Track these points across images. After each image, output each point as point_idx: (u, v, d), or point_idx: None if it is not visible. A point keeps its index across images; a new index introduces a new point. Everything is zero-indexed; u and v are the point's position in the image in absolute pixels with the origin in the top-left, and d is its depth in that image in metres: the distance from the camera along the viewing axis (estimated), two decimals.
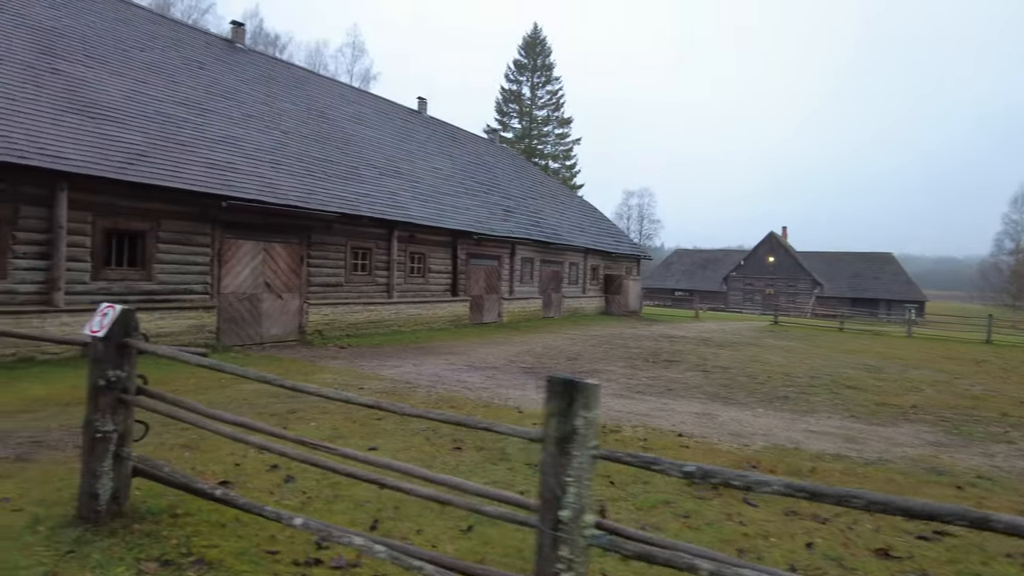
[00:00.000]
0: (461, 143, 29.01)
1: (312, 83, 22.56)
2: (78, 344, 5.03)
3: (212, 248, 13.36)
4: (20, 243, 10.54)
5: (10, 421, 6.71)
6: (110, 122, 12.50)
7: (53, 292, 10.83)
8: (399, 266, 18.32)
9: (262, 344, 14.39)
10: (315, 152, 17.62)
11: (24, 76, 12.03)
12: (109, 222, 11.64)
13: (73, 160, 10.83)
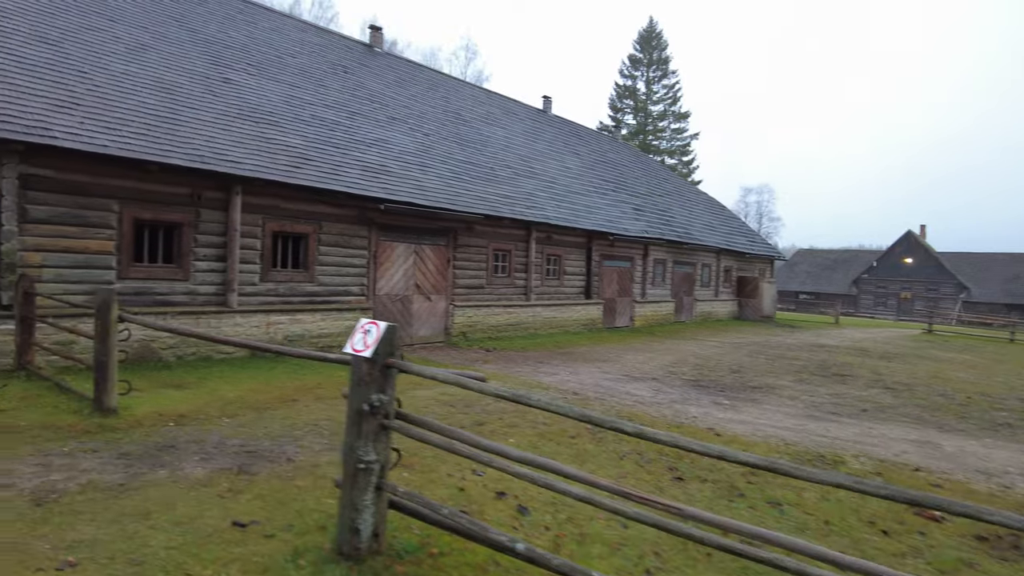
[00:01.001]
0: (586, 141, 28.35)
1: (444, 85, 22.64)
2: (340, 362, 4.78)
3: (368, 250, 13.44)
4: (201, 245, 10.91)
5: (216, 425, 6.73)
6: (272, 127, 12.80)
7: (228, 293, 11.15)
8: (536, 268, 17.92)
9: (411, 345, 14.37)
10: (457, 154, 17.52)
11: (202, 86, 12.53)
12: (276, 225, 11.88)
13: (246, 164, 11.10)
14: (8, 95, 9.14)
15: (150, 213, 10.26)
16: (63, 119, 9.36)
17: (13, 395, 7.43)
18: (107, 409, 6.64)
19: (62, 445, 5.76)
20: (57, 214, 9.33)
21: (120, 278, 10.01)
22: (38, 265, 9.21)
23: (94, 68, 10.98)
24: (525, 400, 3.31)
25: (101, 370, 6.60)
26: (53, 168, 9.26)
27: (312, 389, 8.94)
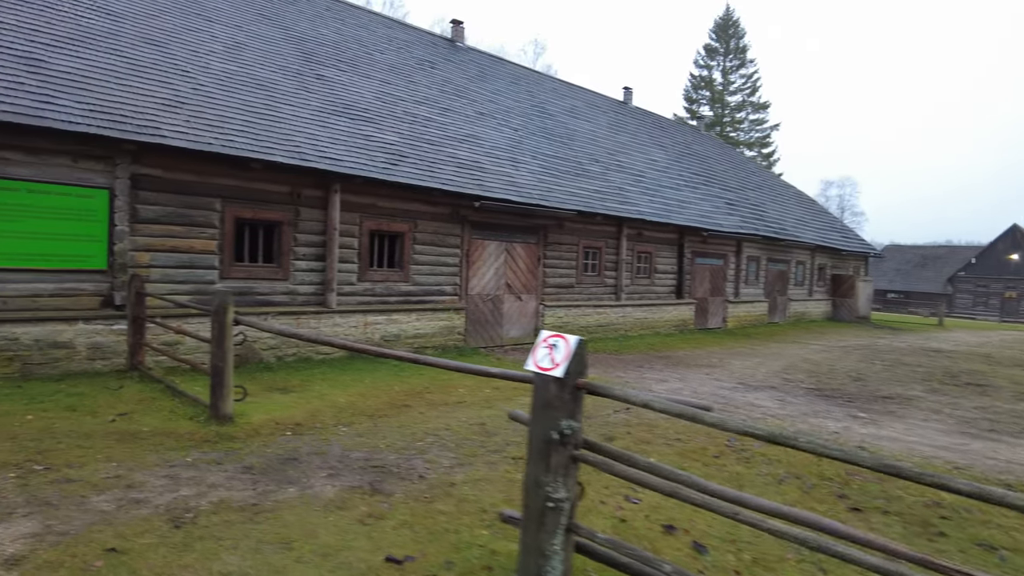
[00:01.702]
0: (669, 133, 27.28)
1: (527, 78, 22.11)
2: (519, 379, 4.26)
3: (461, 249, 13.03)
4: (300, 244, 10.72)
5: (334, 435, 6.36)
6: (368, 123, 12.54)
7: (327, 293, 10.93)
8: (627, 266, 17.15)
9: (502, 346, 13.90)
10: (545, 148, 16.95)
11: (297, 83, 12.40)
12: (373, 223, 11.60)
13: (345, 162, 10.84)
14: (122, 95, 9.12)
15: (251, 212, 10.12)
16: (170, 118, 9.28)
17: (130, 397, 7.31)
18: (223, 416, 6.37)
19: (184, 455, 5.49)
20: (165, 214, 9.27)
21: (222, 278, 9.90)
22: (146, 265, 9.16)
23: (196, 67, 10.95)
24: (790, 443, 2.65)
25: (218, 375, 6.33)
26: (161, 168, 9.19)
27: (421, 393, 8.54)
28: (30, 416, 6.32)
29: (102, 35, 10.25)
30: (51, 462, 5.10)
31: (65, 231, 8.46)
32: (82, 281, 8.66)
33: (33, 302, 8.31)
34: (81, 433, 5.89)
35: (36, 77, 8.53)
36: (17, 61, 8.63)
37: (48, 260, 8.37)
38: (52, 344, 8.32)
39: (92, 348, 8.61)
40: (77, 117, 8.24)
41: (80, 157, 8.53)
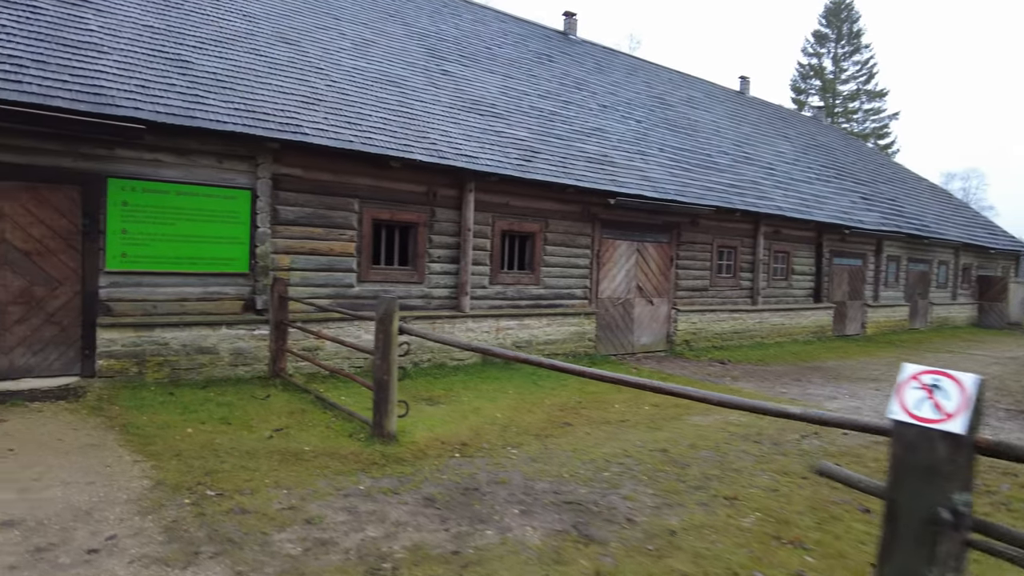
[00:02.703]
0: (791, 123, 25.40)
1: (643, 69, 21.04)
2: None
3: (592, 249, 12.22)
4: (435, 246, 10.22)
5: (506, 458, 5.68)
6: (497, 119, 11.95)
7: (461, 297, 10.39)
8: (763, 267, 15.79)
9: (633, 354, 12.98)
10: (670, 141, 15.87)
11: (425, 79, 11.98)
12: (505, 224, 10.98)
13: (481, 159, 10.25)
14: (263, 93, 8.88)
15: (388, 213, 9.69)
16: (309, 115, 8.97)
17: (280, 408, 6.93)
18: (387, 435, 5.83)
19: (355, 481, 4.94)
20: (304, 215, 8.96)
21: (360, 281, 9.52)
22: (286, 268, 8.88)
23: (329, 65, 10.67)
24: None
25: (381, 390, 5.79)
26: (301, 167, 8.89)
27: (575, 409, 7.77)
28: (189, 429, 6.00)
29: (241, 36, 10.13)
30: (221, 486, 4.66)
31: (210, 233, 8.27)
32: (225, 285, 8.46)
33: (180, 306, 8.15)
34: (242, 451, 5.47)
35: (185, 78, 8.39)
36: (168, 63, 8.53)
37: (194, 263, 8.20)
38: (197, 349, 8.13)
39: (234, 354, 8.38)
40: (224, 116, 8.02)
41: (225, 157, 8.32)
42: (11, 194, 7.16)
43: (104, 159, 7.58)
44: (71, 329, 7.56)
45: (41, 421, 6.11)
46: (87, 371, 7.64)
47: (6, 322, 7.21)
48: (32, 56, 7.42)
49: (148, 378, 7.81)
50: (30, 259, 7.30)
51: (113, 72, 7.84)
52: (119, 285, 7.77)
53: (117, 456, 5.20)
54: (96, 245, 7.60)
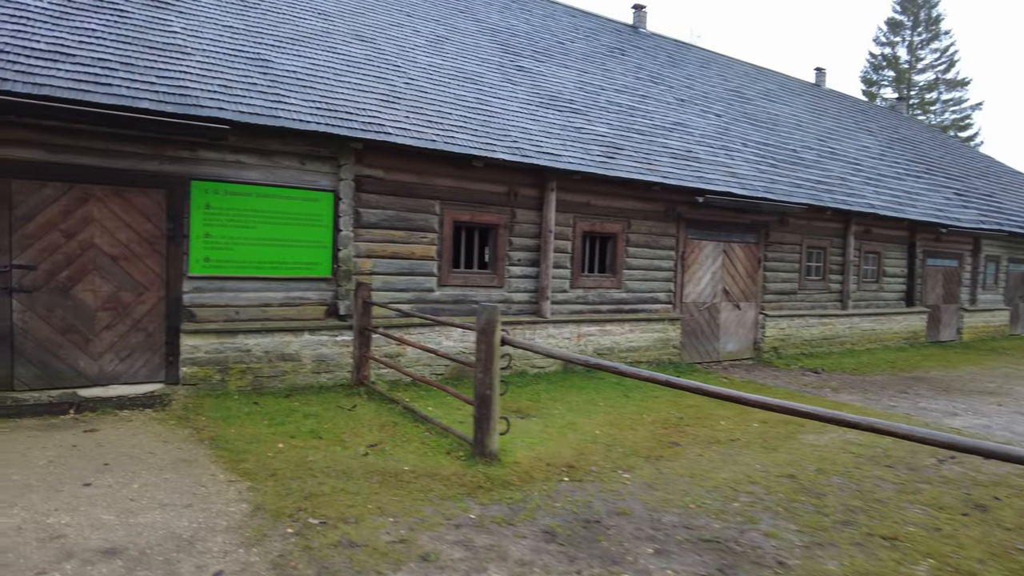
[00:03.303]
0: (872, 116, 24.02)
1: (716, 62, 20.18)
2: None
3: (676, 251, 11.57)
4: (515, 248, 9.78)
5: (620, 484, 5.17)
6: (576, 115, 11.43)
7: (541, 301, 9.92)
8: (854, 268, 14.79)
9: (719, 362, 12.27)
10: (753, 135, 15.04)
11: (500, 75, 11.57)
12: (587, 224, 10.46)
13: (563, 157, 9.76)
14: (343, 92, 8.62)
15: (468, 214, 9.30)
16: (390, 114, 8.65)
17: (369, 421, 6.60)
18: (488, 454, 5.39)
19: (464, 508, 4.52)
20: (386, 217, 8.65)
21: (440, 285, 9.16)
22: (368, 272, 8.58)
23: (405, 62, 10.37)
24: None
25: (483, 406, 5.36)
26: (382, 168, 8.58)
27: (679, 426, 7.20)
28: (280, 444, 5.71)
29: (318, 34, 9.92)
30: (324, 513, 4.31)
31: (292, 237, 8.03)
32: (307, 290, 8.21)
33: (263, 312, 7.93)
34: (338, 470, 5.12)
35: (266, 77, 8.19)
36: (248, 62, 8.35)
37: (277, 268, 7.98)
38: (280, 356, 7.90)
39: (317, 361, 8.12)
40: (307, 116, 7.76)
41: (307, 158, 8.07)
42: (99, 198, 7.05)
43: (187, 161, 7.41)
44: (156, 335, 7.42)
45: (131, 431, 5.93)
46: (171, 378, 7.49)
47: (95, 328, 7.11)
48: (120, 59, 7.31)
49: (231, 385, 7.61)
50: (117, 264, 7.18)
51: (196, 73, 7.68)
52: (202, 290, 7.59)
53: (211, 474, 4.92)
54: (180, 249, 7.44)
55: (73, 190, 6.93)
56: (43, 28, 7.30)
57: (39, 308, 6.85)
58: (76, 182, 6.92)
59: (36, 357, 6.87)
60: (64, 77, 6.63)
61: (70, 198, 6.93)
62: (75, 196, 6.94)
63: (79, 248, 6.98)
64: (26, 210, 6.74)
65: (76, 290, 7.00)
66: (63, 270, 6.94)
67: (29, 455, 5.19)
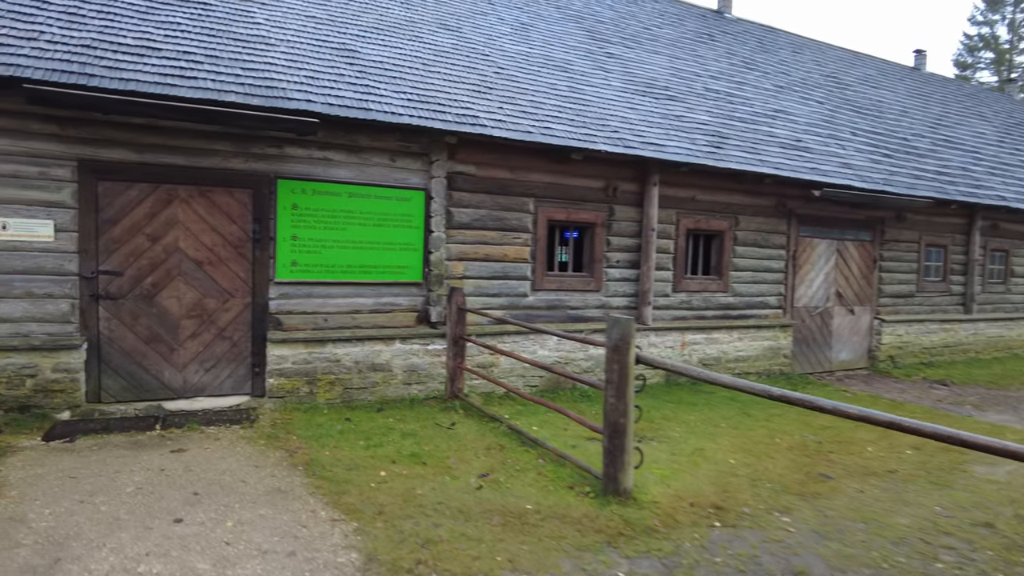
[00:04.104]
0: (984, 101, 21.99)
1: (808, 47, 18.79)
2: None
3: (787, 250, 10.52)
4: (613, 249, 8.98)
5: (783, 531, 4.32)
6: (673, 102, 10.52)
7: (642, 306, 9.07)
8: (978, 268, 13.30)
9: (831, 372, 11.14)
10: (860, 124, 13.74)
11: (591, 62, 10.78)
12: (691, 221, 9.55)
13: (668, 147, 8.89)
14: (433, 82, 8.02)
15: (564, 213, 8.56)
16: (484, 105, 7.99)
17: (472, 442, 5.93)
18: (622, 492, 4.63)
19: (607, 562, 3.77)
20: (479, 217, 7.99)
21: (534, 289, 8.45)
22: (459, 276, 7.94)
23: (493, 51, 9.71)
24: None
25: (616, 436, 4.59)
26: (475, 164, 7.93)
27: (820, 452, 6.25)
28: (382, 472, 5.10)
29: (403, 23, 9.36)
30: (448, 568, 3.64)
31: (382, 239, 7.47)
32: (398, 295, 7.64)
33: (352, 319, 7.40)
34: (453, 507, 4.46)
35: (353, 68, 7.65)
36: (334, 52, 7.84)
37: (367, 272, 7.43)
38: (370, 367, 7.35)
39: (408, 371, 7.54)
40: (398, 108, 7.17)
41: (398, 155, 7.49)
42: (184, 199, 6.64)
43: (274, 159, 6.93)
44: (241, 344, 6.97)
45: (219, 453, 5.44)
46: (257, 390, 7.04)
47: (180, 337, 6.71)
48: (205, 52, 6.89)
49: (319, 398, 7.10)
50: (202, 269, 6.76)
51: (282, 64, 7.20)
52: (289, 296, 7.11)
53: (310, 510, 4.34)
54: (266, 253, 6.97)
55: (158, 191, 6.54)
56: (130, 23, 6.96)
57: (124, 316, 6.49)
58: (161, 183, 6.53)
59: (122, 368, 6.51)
60: (150, 71, 6.23)
61: (155, 200, 6.54)
62: (160, 198, 6.55)
63: (164, 252, 6.59)
64: (112, 213, 6.38)
65: (161, 297, 6.61)
66: (148, 276, 6.56)
67: (117, 480, 4.75)
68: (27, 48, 5.95)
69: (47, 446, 5.49)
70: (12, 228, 6.05)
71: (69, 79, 5.74)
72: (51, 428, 5.88)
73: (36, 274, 6.15)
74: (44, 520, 4.05)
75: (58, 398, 6.16)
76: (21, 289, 6.11)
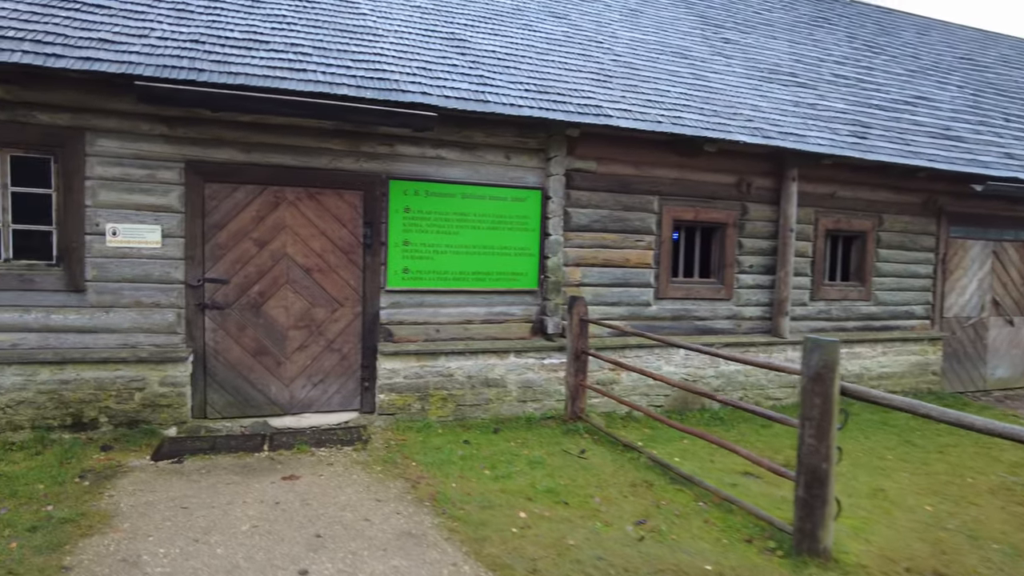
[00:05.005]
0: None
1: (935, 28, 17.10)
2: None
3: (936, 253, 9.28)
4: (745, 252, 8.05)
5: None
6: (804, 88, 9.46)
7: (778, 317, 8.10)
8: None
9: (987, 391, 9.79)
10: (1011, 108, 12.17)
11: (708, 48, 9.87)
12: (831, 221, 8.50)
13: (808, 137, 7.89)
14: (549, 72, 7.35)
15: (691, 212, 7.71)
16: (605, 94, 7.24)
17: (610, 475, 5.18)
18: (822, 552, 3.78)
19: None
20: (599, 218, 7.26)
21: (657, 298, 7.64)
22: (577, 283, 7.23)
23: (606, 37, 8.95)
24: None
25: (815, 483, 3.75)
26: (595, 159, 7.20)
27: None
28: (522, 513, 4.43)
29: (510, 11, 8.75)
30: None
31: (497, 243, 6.84)
32: (511, 304, 6.99)
33: (464, 330, 6.80)
34: (617, 566, 3.73)
35: (465, 58, 7.07)
36: (444, 42, 7.29)
37: (480, 279, 6.82)
38: (483, 382, 6.72)
39: (523, 387, 6.87)
40: (517, 99, 6.51)
41: (513, 151, 6.85)
42: (292, 202, 6.20)
43: (385, 158, 6.41)
44: (351, 357, 6.48)
45: (335, 482, 4.91)
46: (366, 406, 6.53)
47: (287, 349, 6.27)
48: (312, 43, 6.44)
49: (431, 415, 6.53)
50: (310, 276, 6.30)
51: (392, 55, 6.68)
52: (400, 306, 6.57)
53: (451, 563, 3.70)
54: (377, 259, 6.46)
55: (265, 193, 6.12)
56: (236, 17, 6.60)
57: (230, 327, 6.10)
58: (268, 184, 6.11)
59: (227, 382, 6.12)
60: (259, 64, 5.81)
61: (262, 202, 6.12)
62: (266, 200, 6.13)
63: (271, 259, 6.17)
64: (218, 217, 6.00)
65: (268, 306, 6.19)
66: (255, 284, 6.15)
67: (231, 514, 4.26)
68: (138, 45, 5.63)
69: (156, 467, 5.12)
70: (122, 234, 5.75)
71: (179, 75, 5.37)
72: (159, 446, 5.53)
73: (143, 282, 5.84)
74: (159, 564, 3.59)
75: (165, 413, 5.82)
76: (130, 298, 5.80)
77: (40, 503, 4.32)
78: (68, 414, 5.54)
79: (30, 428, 5.46)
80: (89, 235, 5.66)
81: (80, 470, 4.95)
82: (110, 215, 5.71)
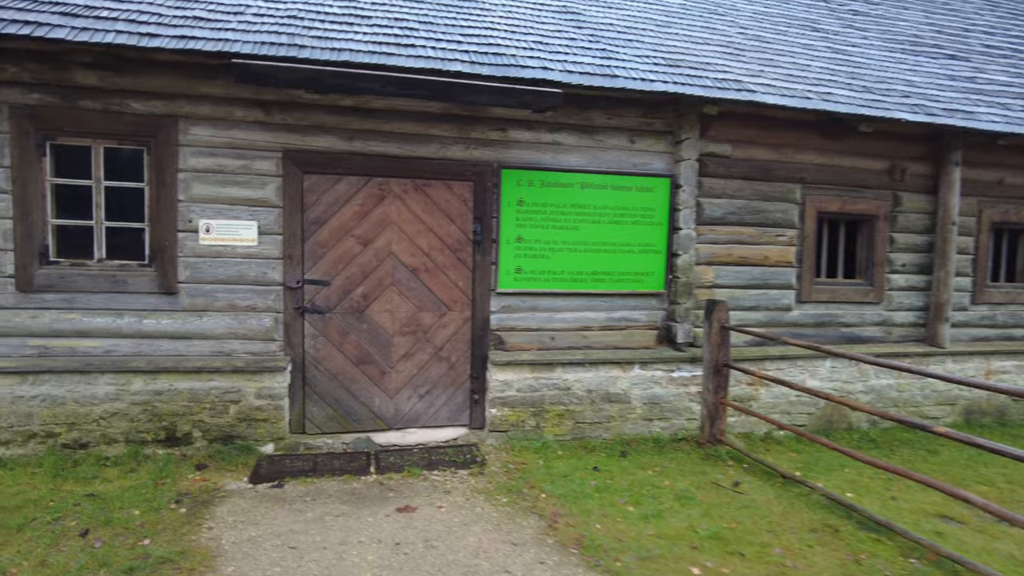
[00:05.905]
0: None
1: None
2: None
3: None
4: (897, 249, 6.98)
5: None
6: (954, 60, 8.25)
7: (936, 323, 6.99)
8: None
9: None
10: None
11: (836, 19, 8.78)
12: (998, 213, 7.32)
13: (977, 114, 6.74)
14: (675, 44, 6.49)
15: (838, 203, 6.71)
16: (741, 68, 6.33)
17: (781, 517, 4.31)
18: None
19: None
20: (734, 210, 6.36)
21: (799, 301, 6.67)
22: (710, 285, 6.35)
23: (727, 8, 8.01)
24: None
25: None
26: (730, 142, 6.31)
27: None
28: (694, 569, 3.62)
29: None
30: None
31: (618, 239, 6.04)
32: (634, 308, 6.18)
33: (582, 338, 6.04)
34: None
35: (583, 32, 6.29)
36: (557, 15, 6.56)
37: (599, 280, 6.04)
38: (604, 397, 5.93)
39: (648, 404, 6.05)
40: (646, 74, 5.69)
41: (637, 134, 6.03)
42: (397, 195, 5.57)
43: (497, 144, 5.71)
44: (459, 367, 5.81)
45: (458, 516, 4.23)
46: (475, 422, 5.86)
47: (392, 358, 5.65)
48: (418, 18, 5.81)
49: (546, 433, 5.79)
50: (417, 277, 5.67)
51: (503, 29, 5.98)
52: (512, 310, 5.87)
53: None
54: (488, 258, 5.77)
55: (368, 185, 5.51)
56: None
57: (332, 333, 5.52)
58: (371, 175, 5.50)
59: (328, 394, 5.55)
60: (362, 40, 5.21)
61: (365, 195, 5.52)
62: (370, 193, 5.52)
63: (375, 258, 5.56)
64: (318, 212, 5.43)
65: (371, 310, 5.59)
66: (358, 286, 5.55)
67: (346, 558, 3.63)
68: (234, 22, 5.11)
69: (255, 491, 4.57)
70: (215, 231, 5.25)
71: (278, 51, 4.80)
72: (256, 466, 4.99)
73: (238, 283, 5.32)
74: None
75: (261, 428, 5.28)
76: (224, 301, 5.30)
77: (136, 535, 3.81)
78: (161, 428, 5.07)
79: (124, 442, 5.02)
80: (182, 232, 5.19)
81: (176, 493, 4.44)
82: (203, 210, 5.21)
